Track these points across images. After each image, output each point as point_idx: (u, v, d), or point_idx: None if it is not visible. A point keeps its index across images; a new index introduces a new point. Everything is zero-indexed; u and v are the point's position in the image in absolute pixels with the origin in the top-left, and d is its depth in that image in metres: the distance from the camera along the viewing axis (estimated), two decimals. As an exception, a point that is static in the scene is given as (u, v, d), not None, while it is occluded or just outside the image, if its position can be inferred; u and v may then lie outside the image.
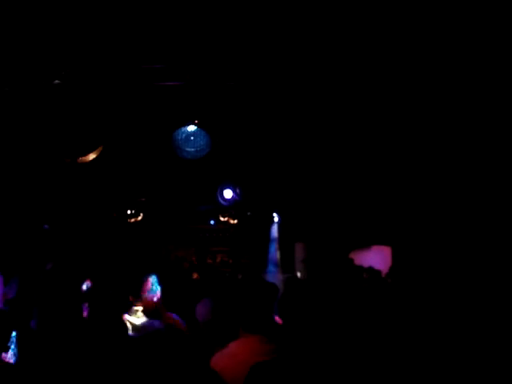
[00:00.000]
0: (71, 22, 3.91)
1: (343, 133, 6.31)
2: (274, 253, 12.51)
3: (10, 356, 3.05)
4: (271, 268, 12.28)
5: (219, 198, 7.22)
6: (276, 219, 11.17)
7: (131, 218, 11.16)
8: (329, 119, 5.96)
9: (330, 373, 3.41)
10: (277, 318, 4.78)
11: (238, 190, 7.18)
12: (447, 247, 6.24)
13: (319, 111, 5.76)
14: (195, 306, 4.60)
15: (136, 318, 4.47)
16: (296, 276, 11.45)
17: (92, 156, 4.26)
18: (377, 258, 11.45)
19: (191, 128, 4.29)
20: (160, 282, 4.81)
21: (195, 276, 10.32)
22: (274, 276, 11.31)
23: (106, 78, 4.61)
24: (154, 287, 4.58)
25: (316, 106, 5.61)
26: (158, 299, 4.54)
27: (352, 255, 12.22)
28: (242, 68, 4.58)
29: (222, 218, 11.05)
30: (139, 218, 11.28)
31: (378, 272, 10.19)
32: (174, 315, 4.66)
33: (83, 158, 4.22)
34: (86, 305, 3.93)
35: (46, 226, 6.27)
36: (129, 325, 4.15)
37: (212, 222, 12.92)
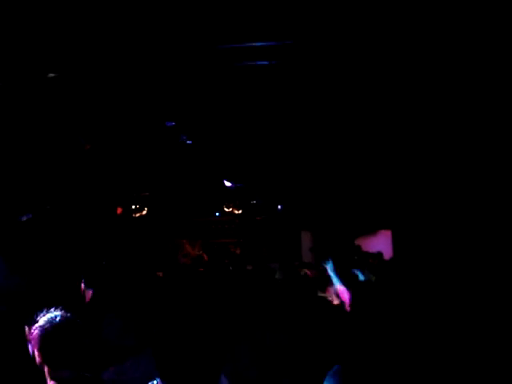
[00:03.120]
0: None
1: (346, 122, 6.30)
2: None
3: None
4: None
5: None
6: (279, 207, 11.14)
7: (136, 213, 11.17)
8: (332, 110, 5.96)
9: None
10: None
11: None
12: (448, 232, 6.22)
13: (323, 103, 5.76)
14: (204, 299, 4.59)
15: None
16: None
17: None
18: (383, 242, 11.42)
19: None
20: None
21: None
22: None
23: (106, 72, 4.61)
24: None
25: (320, 98, 5.61)
26: None
27: (359, 241, 12.19)
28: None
29: (226, 209, 11.03)
30: (144, 212, 11.29)
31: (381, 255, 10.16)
32: None
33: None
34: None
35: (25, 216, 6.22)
36: None
37: (217, 214, 12.90)
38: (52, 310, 2.17)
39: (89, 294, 3.85)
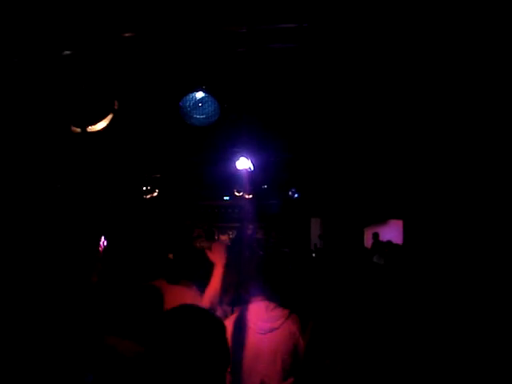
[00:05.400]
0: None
1: (360, 110, 6.26)
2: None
3: None
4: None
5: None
6: (291, 193, 11.11)
7: (147, 194, 11.20)
8: (345, 98, 5.92)
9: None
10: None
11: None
12: (459, 224, 6.19)
13: (338, 90, 5.72)
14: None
15: None
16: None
17: (101, 125, 4.22)
18: (394, 232, 11.42)
19: (200, 94, 4.23)
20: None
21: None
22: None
23: (116, 47, 4.57)
24: None
25: (334, 85, 5.57)
26: None
27: (369, 230, 12.19)
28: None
29: (236, 193, 10.99)
30: (155, 194, 11.31)
31: (397, 246, 10.17)
32: None
33: (92, 127, 4.18)
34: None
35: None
36: None
37: (227, 198, 12.91)
38: None
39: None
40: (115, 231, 8.16)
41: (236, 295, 4.67)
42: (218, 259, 4.04)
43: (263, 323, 3.44)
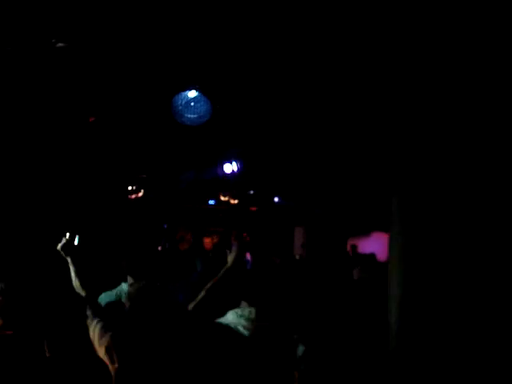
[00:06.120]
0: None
1: (345, 119, 6.27)
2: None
3: None
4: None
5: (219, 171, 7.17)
6: (276, 200, 11.12)
7: (132, 195, 11.12)
8: (331, 101, 5.92)
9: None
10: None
11: (238, 165, 7.12)
12: (445, 236, 6.20)
13: (325, 102, 5.73)
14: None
15: None
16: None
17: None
18: (376, 244, 11.43)
19: (192, 94, 4.22)
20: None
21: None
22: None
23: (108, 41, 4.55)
24: None
25: (320, 96, 5.59)
26: None
27: (352, 241, 12.20)
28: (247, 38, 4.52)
29: (222, 198, 10.97)
30: (140, 194, 11.24)
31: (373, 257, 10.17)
32: None
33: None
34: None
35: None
36: None
37: (212, 202, 12.85)
38: None
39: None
40: (97, 230, 8.10)
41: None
42: (233, 257, 4.07)
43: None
